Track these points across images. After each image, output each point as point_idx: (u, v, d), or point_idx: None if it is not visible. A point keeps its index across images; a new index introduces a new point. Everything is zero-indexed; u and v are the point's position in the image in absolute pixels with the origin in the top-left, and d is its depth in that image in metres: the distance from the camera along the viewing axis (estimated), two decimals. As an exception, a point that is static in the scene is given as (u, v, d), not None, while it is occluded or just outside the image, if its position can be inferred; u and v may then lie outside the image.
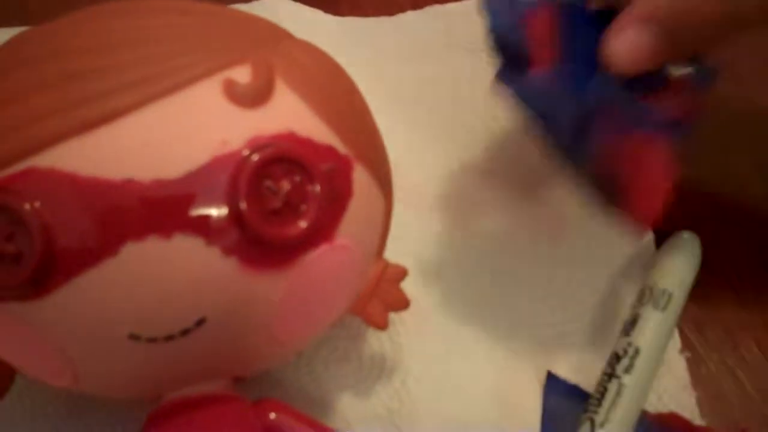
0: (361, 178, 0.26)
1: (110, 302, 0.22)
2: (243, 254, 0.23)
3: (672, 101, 0.29)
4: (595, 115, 0.28)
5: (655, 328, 0.32)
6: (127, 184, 0.22)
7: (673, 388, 0.32)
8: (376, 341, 0.33)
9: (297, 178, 0.23)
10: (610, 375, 0.31)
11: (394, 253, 0.30)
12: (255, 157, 0.22)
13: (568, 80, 0.29)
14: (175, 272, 0.22)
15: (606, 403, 0.30)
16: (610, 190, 0.29)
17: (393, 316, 0.29)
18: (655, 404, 0.32)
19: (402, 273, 0.29)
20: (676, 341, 0.34)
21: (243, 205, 0.22)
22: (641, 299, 0.33)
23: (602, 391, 0.30)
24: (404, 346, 0.33)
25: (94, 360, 0.24)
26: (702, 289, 0.34)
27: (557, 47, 0.29)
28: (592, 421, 0.30)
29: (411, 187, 0.37)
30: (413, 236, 0.36)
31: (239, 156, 0.22)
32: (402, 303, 0.29)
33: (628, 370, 0.31)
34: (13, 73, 0.24)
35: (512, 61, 0.30)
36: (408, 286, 0.29)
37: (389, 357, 0.33)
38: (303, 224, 0.23)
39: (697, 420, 0.31)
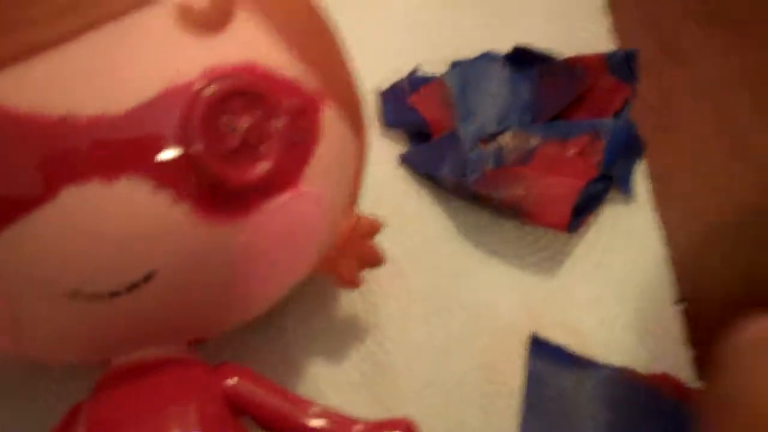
0: (330, 117, 0.24)
1: (46, 254, 0.21)
2: (196, 200, 0.21)
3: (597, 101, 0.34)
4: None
5: None
6: (65, 121, 0.20)
7: (667, 345, 0.30)
8: (347, 301, 0.31)
9: (258, 114, 0.21)
10: None
11: (367, 205, 0.28)
12: (211, 90, 0.21)
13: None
14: (119, 220, 0.20)
15: None
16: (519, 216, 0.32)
17: (366, 274, 0.27)
18: (648, 363, 0.30)
19: (376, 227, 0.27)
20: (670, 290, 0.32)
21: (196, 144, 0.20)
22: None
23: None
24: (379, 307, 0.31)
25: (31, 319, 0.22)
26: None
27: (452, 110, 0.34)
28: None
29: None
30: (388, 186, 0.34)
31: (193, 88, 0.21)
32: (375, 259, 0.27)
33: None
34: None
35: (417, 136, 0.35)
36: (383, 240, 0.27)
37: (362, 318, 0.31)
38: (264, 166, 0.22)
39: (694, 382, 0.30)
